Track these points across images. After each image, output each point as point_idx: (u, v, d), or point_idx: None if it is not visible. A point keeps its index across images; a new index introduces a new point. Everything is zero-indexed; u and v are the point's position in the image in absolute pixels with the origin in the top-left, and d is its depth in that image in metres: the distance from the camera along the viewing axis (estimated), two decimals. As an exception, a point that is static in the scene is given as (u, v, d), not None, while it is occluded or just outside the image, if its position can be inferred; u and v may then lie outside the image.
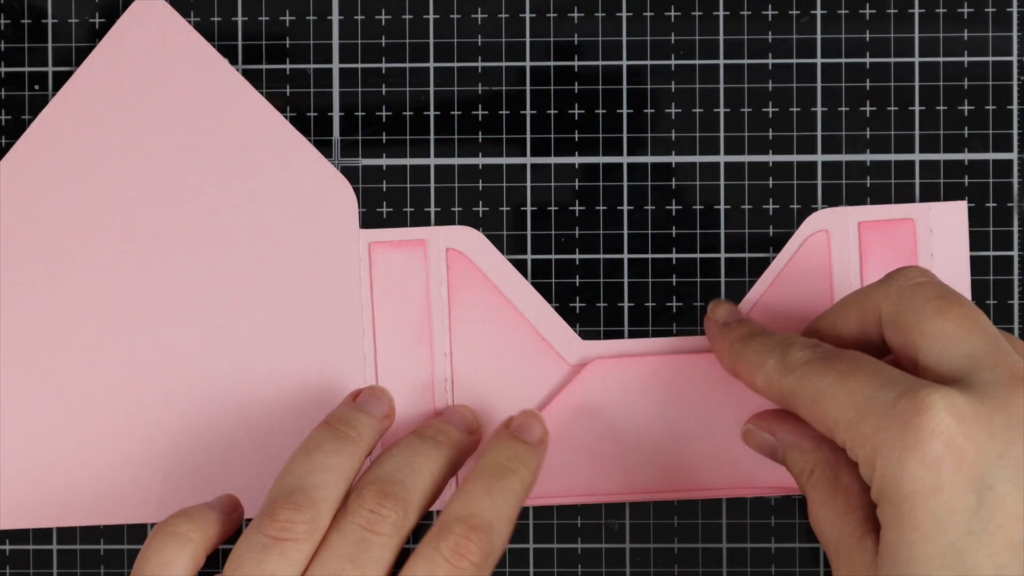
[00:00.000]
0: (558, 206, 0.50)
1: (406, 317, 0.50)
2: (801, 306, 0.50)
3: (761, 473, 0.50)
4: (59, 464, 0.50)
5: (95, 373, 0.50)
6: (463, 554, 0.43)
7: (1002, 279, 0.50)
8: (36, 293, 0.50)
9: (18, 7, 0.51)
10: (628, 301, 0.50)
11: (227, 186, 0.50)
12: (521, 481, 0.46)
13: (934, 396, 0.40)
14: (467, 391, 0.50)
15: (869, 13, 0.50)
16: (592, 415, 0.50)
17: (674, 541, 0.50)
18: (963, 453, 0.39)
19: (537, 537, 0.50)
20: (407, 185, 0.50)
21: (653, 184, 0.50)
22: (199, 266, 0.50)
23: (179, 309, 0.50)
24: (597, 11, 0.50)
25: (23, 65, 0.51)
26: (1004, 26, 0.50)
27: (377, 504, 0.44)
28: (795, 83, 0.50)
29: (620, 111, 0.50)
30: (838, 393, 0.42)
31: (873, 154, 0.50)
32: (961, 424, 0.39)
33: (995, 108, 0.50)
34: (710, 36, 0.50)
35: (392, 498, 0.44)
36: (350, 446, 0.46)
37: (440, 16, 0.50)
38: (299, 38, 0.51)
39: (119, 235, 0.50)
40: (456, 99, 0.50)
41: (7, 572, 0.51)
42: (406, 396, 0.50)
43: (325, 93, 0.50)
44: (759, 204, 0.50)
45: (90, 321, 0.50)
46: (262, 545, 0.44)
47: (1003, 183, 0.50)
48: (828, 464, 0.44)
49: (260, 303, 0.50)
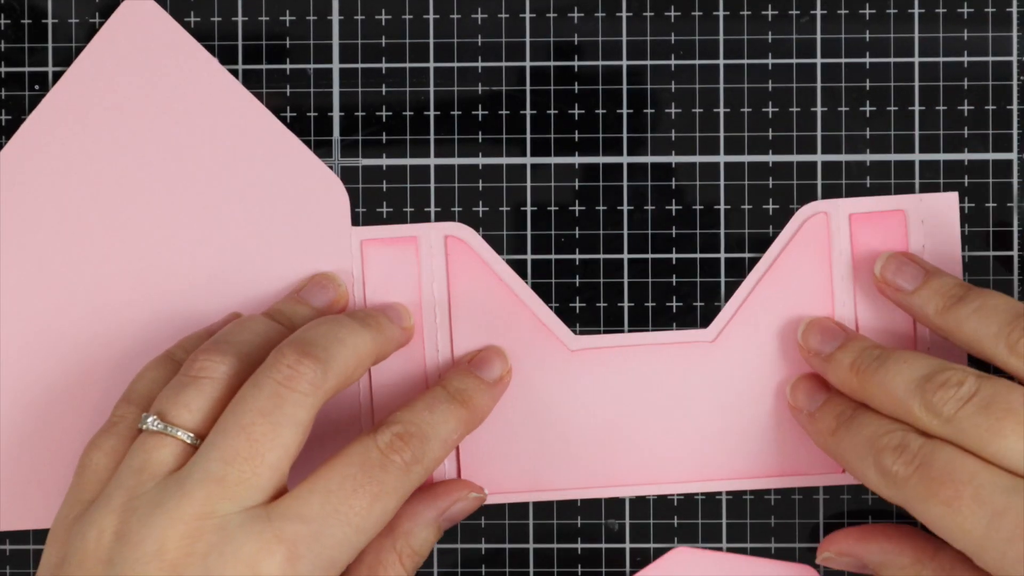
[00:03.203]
0: (558, 206, 0.50)
1: None
2: (799, 289, 0.50)
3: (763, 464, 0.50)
4: (58, 465, 0.50)
5: (87, 373, 0.50)
6: (396, 450, 0.44)
7: (1002, 279, 0.50)
8: (29, 293, 0.50)
9: (18, 7, 0.51)
10: (628, 301, 0.50)
11: (218, 185, 0.50)
12: (467, 412, 0.47)
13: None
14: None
15: (869, 13, 0.50)
16: (589, 407, 0.50)
17: (674, 541, 0.50)
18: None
19: (537, 537, 0.50)
20: (407, 185, 0.50)
21: (653, 184, 0.50)
22: (190, 265, 0.50)
23: (170, 307, 0.50)
24: (597, 11, 0.50)
25: (23, 65, 0.51)
26: (1004, 26, 0.50)
27: (296, 360, 0.44)
28: (795, 83, 0.50)
29: (620, 111, 0.50)
30: (952, 527, 0.43)
31: (873, 154, 0.50)
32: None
33: (995, 108, 0.50)
34: (710, 36, 0.50)
35: (312, 357, 0.44)
36: (281, 328, 0.47)
37: (440, 16, 0.50)
38: (299, 38, 0.51)
39: (109, 236, 0.50)
40: (456, 99, 0.50)
41: (7, 572, 0.51)
42: (399, 392, 0.50)
43: (325, 93, 0.50)
44: (759, 204, 0.50)
45: (81, 320, 0.50)
46: (181, 384, 0.45)
47: (1003, 183, 0.50)
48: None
49: (252, 304, 0.50)
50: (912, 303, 0.48)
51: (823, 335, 0.48)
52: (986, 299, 0.46)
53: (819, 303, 0.50)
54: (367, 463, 0.44)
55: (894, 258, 0.48)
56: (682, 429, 0.50)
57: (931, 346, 0.49)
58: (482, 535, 0.50)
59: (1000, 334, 0.45)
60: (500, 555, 0.50)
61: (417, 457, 0.45)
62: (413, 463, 0.44)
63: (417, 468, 0.45)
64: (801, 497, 0.50)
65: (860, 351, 0.47)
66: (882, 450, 0.44)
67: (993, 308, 0.46)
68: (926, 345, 0.49)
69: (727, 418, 0.50)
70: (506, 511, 0.50)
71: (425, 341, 0.50)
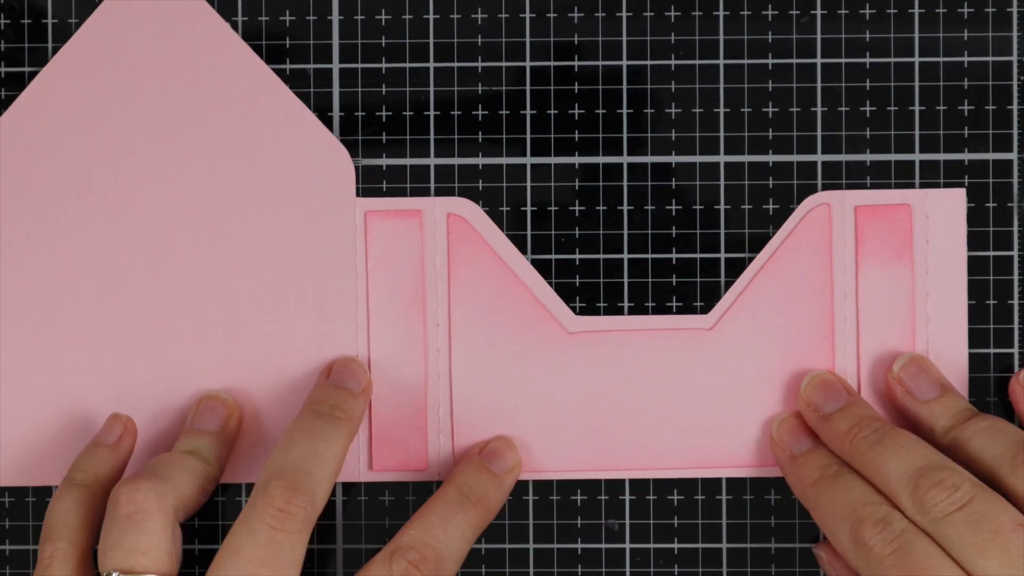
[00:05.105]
0: (558, 206, 0.50)
1: (400, 287, 0.50)
2: (799, 279, 0.50)
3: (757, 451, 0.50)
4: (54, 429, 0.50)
5: (88, 341, 0.50)
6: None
7: (1002, 279, 0.50)
8: (33, 266, 0.50)
9: (18, 7, 0.51)
10: (628, 301, 0.50)
11: (224, 152, 0.50)
12: (481, 515, 0.47)
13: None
14: (464, 358, 0.50)
15: (869, 13, 0.50)
16: (584, 392, 0.50)
17: (674, 541, 0.50)
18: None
19: (537, 537, 0.50)
20: (407, 184, 0.50)
21: (653, 184, 0.50)
22: (193, 233, 0.50)
23: (172, 277, 0.50)
24: (597, 11, 0.50)
25: (23, 65, 0.51)
26: (1004, 26, 0.50)
27: (285, 501, 0.44)
28: (795, 83, 0.50)
29: (620, 111, 0.50)
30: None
31: (873, 154, 0.50)
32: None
33: (995, 108, 0.50)
34: (710, 36, 0.50)
35: (300, 492, 0.44)
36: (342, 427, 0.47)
37: (440, 16, 0.50)
38: (299, 38, 0.51)
39: (114, 203, 0.50)
40: (456, 99, 0.50)
41: (7, 572, 0.51)
42: (398, 366, 0.50)
43: (325, 93, 0.50)
44: (759, 204, 0.50)
45: (84, 292, 0.50)
46: (119, 528, 0.44)
47: (1003, 183, 0.50)
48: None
49: (254, 270, 0.50)
50: (920, 412, 0.48)
51: (826, 392, 0.48)
52: (994, 422, 0.47)
53: (819, 294, 0.50)
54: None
55: (914, 362, 0.49)
56: (679, 415, 0.50)
57: (930, 343, 0.49)
58: (482, 535, 0.50)
59: (1005, 454, 0.45)
60: (500, 555, 0.50)
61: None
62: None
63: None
64: (801, 497, 0.50)
65: (859, 420, 0.47)
66: (863, 520, 0.44)
67: (1001, 431, 0.46)
68: (924, 344, 0.50)
69: (724, 405, 0.50)
70: (506, 511, 0.50)
71: (427, 315, 0.50)
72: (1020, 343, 0.50)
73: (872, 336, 0.50)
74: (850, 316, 0.50)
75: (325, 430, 0.46)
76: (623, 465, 0.50)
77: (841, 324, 0.50)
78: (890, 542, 0.43)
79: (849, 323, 0.50)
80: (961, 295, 0.50)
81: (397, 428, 0.50)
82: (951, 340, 0.50)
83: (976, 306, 0.50)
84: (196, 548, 0.50)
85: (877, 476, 0.45)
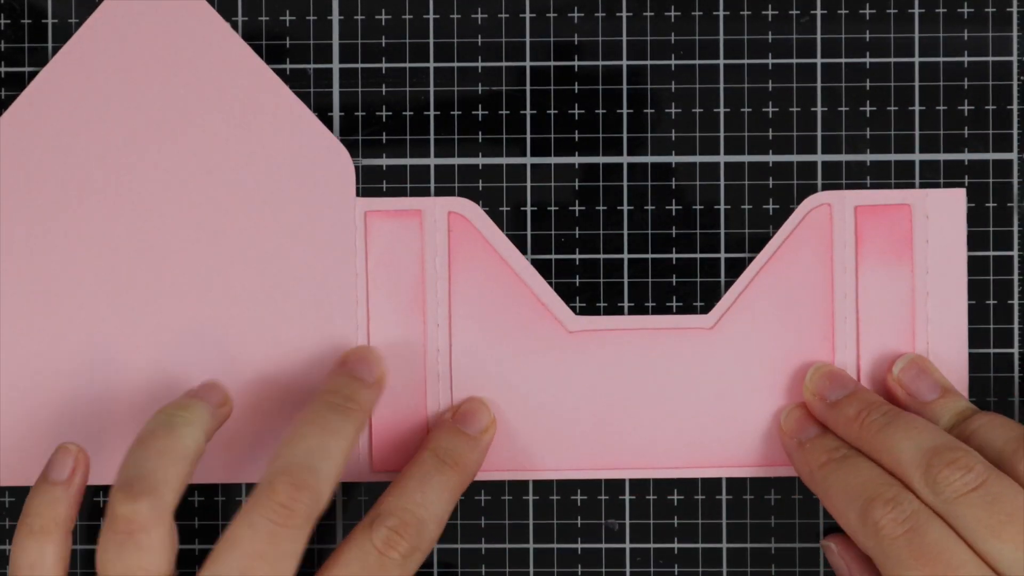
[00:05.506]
0: (558, 206, 0.50)
1: (400, 287, 0.50)
2: (800, 279, 0.50)
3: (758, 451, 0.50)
4: (54, 429, 0.50)
5: (89, 341, 0.50)
6: (393, 546, 0.45)
7: (1002, 279, 0.50)
8: (33, 265, 0.50)
9: (18, 7, 0.51)
10: (628, 301, 0.50)
11: (224, 152, 0.50)
12: (458, 476, 0.47)
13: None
14: (464, 358, 0.50)
15: (869, 13, 0.50)
16: (582, 389, 0.50)
17: (674, 541, 0.50)
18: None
19: (537, 537, 0.50)
20: (407, 185, 0.50)
21: (653, 184, 0.50)
22: (193, 233, 0.50)
23: (173, 277, 0.50)
24: (597, 11, 0.50)
25: (23, 65, 0.51)
26: (1004, 26, 0.50)
27: (289, 498, 0.44)
28: (795, 83, 0.50)
29: (620, 111, 0.50)
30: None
31: (873, 154, 0.50)
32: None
33: (995, 108, 0.50)
34: (710, 36, 0.50)
35: (305, 489, 0.44)
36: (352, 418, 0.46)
37: (440, 16, 0.50)
38: (299, 38, 0.51)
39: (114, 200, 0.50)
40: (456, 99, 0.50)
41: (7, 572, 0.51)
42: (398, 365, 0.50)
43: (325, 93, 0.50)
44: (759, 204, 0.50)
45: (84, 292, 0.50)
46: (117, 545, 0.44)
47: (1003, 183, 0.50)
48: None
49: (254, 269, 0.50)
50: (922, 413, 0.48)
51: (831, 382, 0.48)
52: (995, 417, 0.47)
53: (819, 293, 0.50)
54: (366, 566, 0.45)
55: (914, 364, 0.49)
56: (679, 415, 0.50)
57: (930, 343, 0.50)
58: (482, 535, 0.50)
59: (1008, 445, 0.45)
60: (500, 555, 0.50)
61: (415, 546, 0.45)
62: (412, 552, 0.45)
63: (416, 555, 0.45)
64: (801, 497, 0.50)
65: (868, 404, 0.47)
66: (874, 500, 0.44)
67: (1002, 424, 0.46)
68: (924, 344, 0.50)
69: (724, 405, 0.50)
70: (506, 511, 0.50)
71: (427, 315, 0.50)
72: (1020, 343, 0.50)
73: (872, 336, 0.50)
74: (850, 316, 0.50)
75: (336, 424, 0.46)
76: (623, 465, 0.50)
77: (841, 324, 0.50)
78: (901, 522, 0.43)
79: (849, 323, 0.50)
80: (961, 295, 0.50)
81: (397, 428, 0.50)
82: (951, 340, 0.50)
83: (976, 306, 0.50)
84: (196, 548, 0.50)
85: (888, 457, 0.45)
